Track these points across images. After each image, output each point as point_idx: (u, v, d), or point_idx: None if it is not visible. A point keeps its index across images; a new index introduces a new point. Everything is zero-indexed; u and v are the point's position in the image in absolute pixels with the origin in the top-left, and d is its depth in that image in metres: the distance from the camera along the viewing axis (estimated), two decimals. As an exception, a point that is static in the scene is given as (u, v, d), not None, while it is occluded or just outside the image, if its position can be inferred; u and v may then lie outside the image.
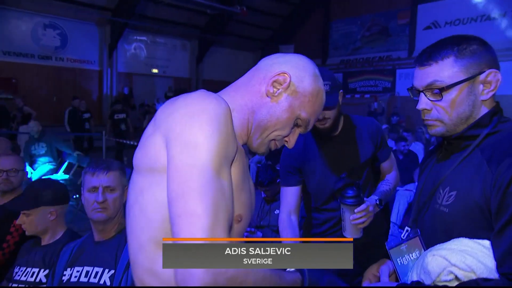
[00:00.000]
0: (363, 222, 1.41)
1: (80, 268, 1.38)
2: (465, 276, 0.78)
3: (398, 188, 4.41)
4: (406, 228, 1.00)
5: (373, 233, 1.62)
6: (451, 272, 0.79)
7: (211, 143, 0.66)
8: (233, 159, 0.75)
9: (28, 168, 5.17)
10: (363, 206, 1.40)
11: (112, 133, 8.44)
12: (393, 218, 4.20)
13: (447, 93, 0.89)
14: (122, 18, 11.75)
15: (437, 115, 0.92)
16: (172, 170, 0.67)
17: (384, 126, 9.44)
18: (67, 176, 5.41)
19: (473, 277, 0.78)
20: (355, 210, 1.40)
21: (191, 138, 0.66)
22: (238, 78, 0.91)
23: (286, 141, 0.88)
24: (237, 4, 12.37)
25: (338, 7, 14.53)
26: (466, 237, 0.83)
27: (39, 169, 5.21)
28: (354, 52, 14.24)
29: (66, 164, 5.72)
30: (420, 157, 5.23)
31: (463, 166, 0.88)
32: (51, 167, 5.30)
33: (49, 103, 11.19)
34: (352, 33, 14.28)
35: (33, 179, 4.83)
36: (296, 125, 0.87)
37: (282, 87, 0.81)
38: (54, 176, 5.13)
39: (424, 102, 0.92)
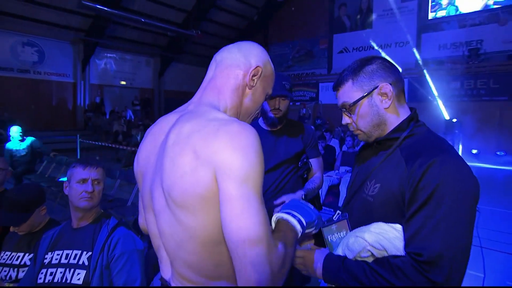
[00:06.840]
0: None
1: (60, 252, 1.36)
2: (379, 254, 0.84)
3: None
4: (338, 211, 1.03)
5: None
6: (369, 251, 0.85)
7: (256, 172, 0.68)
8: None
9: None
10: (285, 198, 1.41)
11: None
12: (317, 198, 4.47)
13: (354, 109, 0.93)
14: (94, 38, 11.83)
15: (356, 126, 0.96)
16: (226, 201, 0.67)
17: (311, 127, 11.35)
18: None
19: (385, 254, 0.83)
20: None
21: (241, 171, 0.67)
22: (193, 90, 0.92)
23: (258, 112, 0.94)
24: (193, 28, 12.97)
25: (275, 33, 15.79)
26: (384, 222, 0.86)
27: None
28: (287, 69, 15.46)
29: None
30: (337, 150, 5.74)
31: (387, 162, 0.90)
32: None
33: (28, 111, 11.03)
34: (285, 54, 15.58)
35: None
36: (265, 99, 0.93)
37: (257, 77, 0.88)
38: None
39: (345, 118, 0.97)
